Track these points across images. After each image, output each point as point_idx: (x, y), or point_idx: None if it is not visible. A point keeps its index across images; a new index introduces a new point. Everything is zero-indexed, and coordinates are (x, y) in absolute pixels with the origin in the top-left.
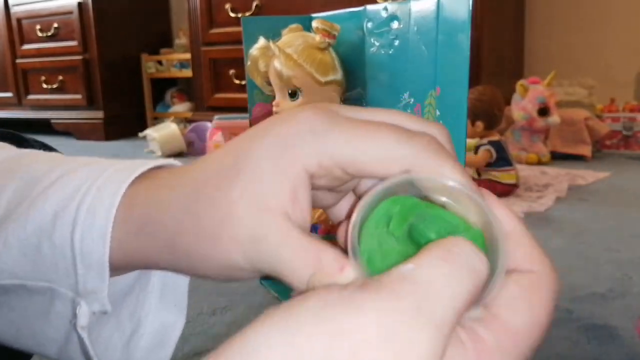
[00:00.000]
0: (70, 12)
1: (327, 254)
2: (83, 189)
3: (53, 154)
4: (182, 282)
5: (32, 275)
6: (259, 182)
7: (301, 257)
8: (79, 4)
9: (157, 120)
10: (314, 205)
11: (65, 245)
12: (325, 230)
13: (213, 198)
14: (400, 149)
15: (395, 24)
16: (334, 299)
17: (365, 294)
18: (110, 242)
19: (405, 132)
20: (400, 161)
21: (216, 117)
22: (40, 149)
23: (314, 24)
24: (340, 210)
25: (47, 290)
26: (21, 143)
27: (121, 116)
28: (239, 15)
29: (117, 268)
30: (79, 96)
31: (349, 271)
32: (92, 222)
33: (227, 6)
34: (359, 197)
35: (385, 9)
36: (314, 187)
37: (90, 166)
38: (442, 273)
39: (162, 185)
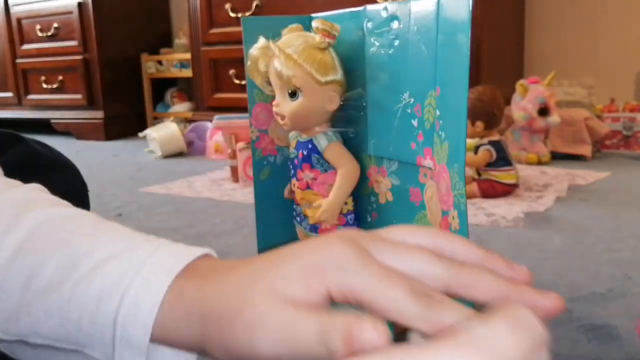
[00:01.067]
0: (70, 12)
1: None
2: (127, 279)
3: (89, 217)
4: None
5: (67, 341)
6: (290, 289)
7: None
8: (79, 4)
9: (157, 120)
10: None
11: (106, 326)
12: (325, 229)
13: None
14: (409, 306)
15: (395, 24)
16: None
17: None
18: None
19: (418, 293)
20: (407, 316)
21: (216, 117)
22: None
23: (314, 23)
24: None
25: (79, 353)
26: (19, 143)
27: (121, 116)
28: (239, 15)
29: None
30: (79, 96)
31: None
32: (136, 313)
33: (227, 6)
34: None
35: (385, 9)
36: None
37: (132, 250)
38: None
39: (210, 278)
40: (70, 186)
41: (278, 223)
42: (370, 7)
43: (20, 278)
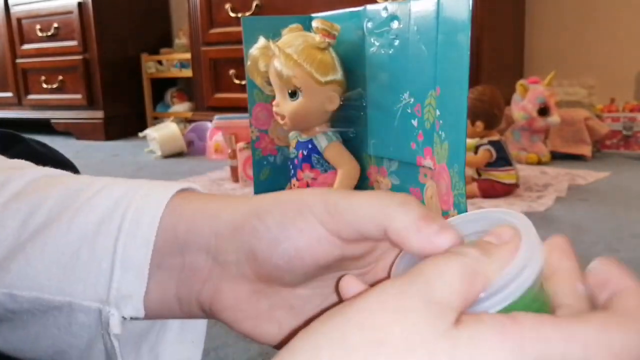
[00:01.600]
0: (70, 12)
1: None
2: (127, 199)
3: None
4: (200, 322)
5: (55, 288)
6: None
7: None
8: (79, 4)
9: (157, 120)
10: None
11: (105, 251)
12: None
13: (280, 202)
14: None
15: (395, 24)
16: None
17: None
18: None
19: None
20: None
21: (216, 117)
22: (38, 149)
23: (314, 23)
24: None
25: (64, 305)
26: (20, 143)
27: (121, 116)
28: (239, 15)
29: (152, 309)
30: (79, 96)
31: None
32: (136, 230)
33: (227, 6)
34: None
35: (385, 8)
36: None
37: (129, 181)
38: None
39: (208, 200)
40: None
41: None
42: (370, 7)
43: (18, 216)
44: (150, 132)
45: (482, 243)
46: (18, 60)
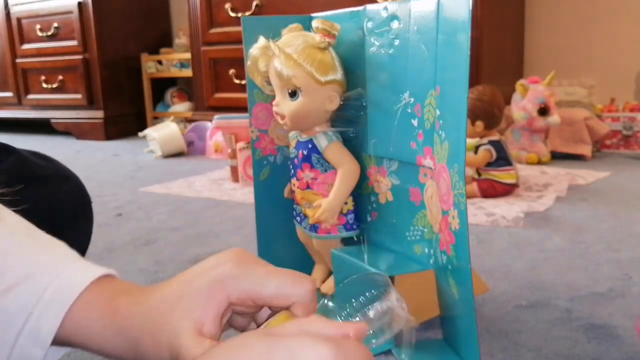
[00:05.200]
0: (70, 12)
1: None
2: (30, 307)
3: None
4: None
5: None
6: (196, 307)
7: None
8: (79, 3)
9: (157, 120)
10: (233, 326)
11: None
12: (325, 230)
13: (164, 316)
14: (293, 290)
15: (395, 24)
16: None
17: None
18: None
19: (297, 277)
20: (292, 298)
21: (216, 116)
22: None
23: (314, 23)
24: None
25: None
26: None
27: (121, 116)
28: (239, 14)
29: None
30: (79, 96)
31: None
32: (37, 337)
33: (227, 6)
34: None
35: (386, 8)
36: (235, 312)
37: (41, 271)
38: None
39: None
40: (72, 197)
41: (278, 223)
42: (370, 6)
43: None
44: (150, 132)
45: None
46: (18, 60)
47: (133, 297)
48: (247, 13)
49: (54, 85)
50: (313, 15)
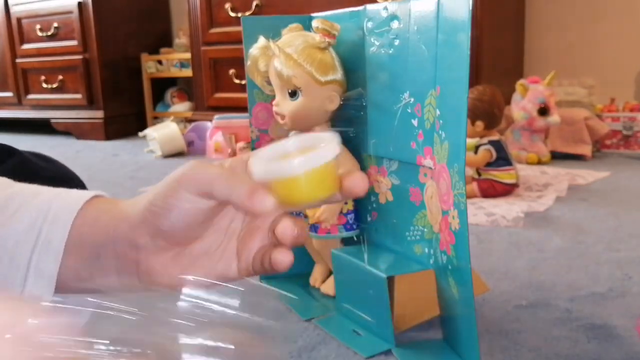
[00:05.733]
0: (70, 12)
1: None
2: (39, 223)
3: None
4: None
5: None
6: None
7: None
8: (79, 3)
9: (157, 119)
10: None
11: (21, 265)
12: (325, 230)
13: (161, 187)
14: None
15: (395, 24)
16: None
17: None
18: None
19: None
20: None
21: (216, 116)
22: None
23: (314, 23)
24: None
25: None
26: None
27: (121, 116)
28: (239, 14)
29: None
30: (79, 96)
31: None
32: (48, 246)
33: (227, 6)
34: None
35: (386, 8)
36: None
37: (43, 196)
38: None
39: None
40: None
41: None
42: (370, 6)
43: None
44: (150, 132)
45: None
46: (18, 60)
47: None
48: (247, 13)
49: (54, 85)
50: (313, 15)
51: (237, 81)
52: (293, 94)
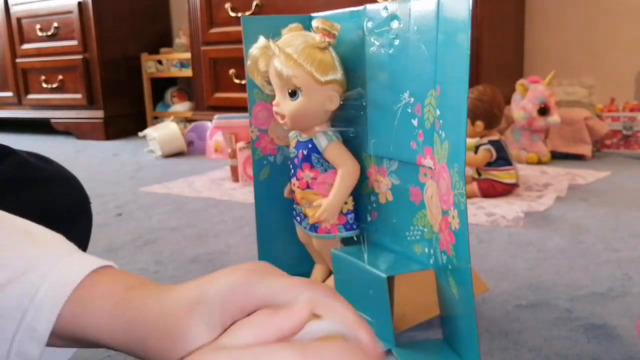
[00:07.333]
0: (70, 12)
1: None
2: (25, 303)
3: None
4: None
5: None
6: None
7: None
8: (79, 3)
9: (157, 119)
10: None
11: (7, 338)
12: (325, 230)
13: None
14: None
15: (395, 24)
16: None
17: None
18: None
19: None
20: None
21: (216, 116)
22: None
23: (314, 23)
24: None
25: None
26: (9, 155)
27: (121, 116)
28: (239, 14)
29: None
30: (79, 96)
31: None
32: (32, 333)
33: (227, 5)
34: None
35: (386, 8)
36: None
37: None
38: None
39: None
40: (71, 198)
41: (278, 223)
42: (370, 6)
43: None
44: (150, 132)
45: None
46: (18, 60)
47: (147, 291)
48: (247, 13)
49: (54, 85)
50: (313, 15)
51: (237, 81)
52: (293, 94)
